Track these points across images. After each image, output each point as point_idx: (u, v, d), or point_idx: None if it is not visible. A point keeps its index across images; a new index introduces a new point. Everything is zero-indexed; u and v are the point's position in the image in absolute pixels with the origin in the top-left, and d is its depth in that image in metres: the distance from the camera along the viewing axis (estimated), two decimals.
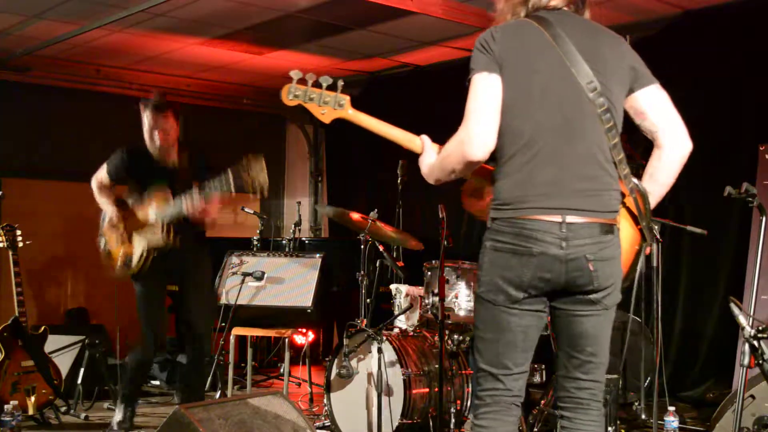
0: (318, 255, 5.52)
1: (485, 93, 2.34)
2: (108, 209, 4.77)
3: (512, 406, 2.42)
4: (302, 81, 2.53)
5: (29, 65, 7.57)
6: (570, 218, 2.31)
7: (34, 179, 7.79)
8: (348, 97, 2.60)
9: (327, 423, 4.79)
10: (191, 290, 4.81)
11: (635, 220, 2.52)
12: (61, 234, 7.85)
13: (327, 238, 9.26)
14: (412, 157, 2.71)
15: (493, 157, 2.40)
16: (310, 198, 9.67)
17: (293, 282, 5.43)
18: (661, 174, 2.50)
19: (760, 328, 3.22)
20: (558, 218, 2.30)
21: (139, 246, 4.65)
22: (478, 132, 2.31)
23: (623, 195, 2.46)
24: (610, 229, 2.37)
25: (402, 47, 7.25)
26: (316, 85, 2.56)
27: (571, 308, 2.41)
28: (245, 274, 5.40)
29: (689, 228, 4.78)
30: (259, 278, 5.39)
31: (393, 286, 4.92)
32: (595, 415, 2.48)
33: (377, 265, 5.34)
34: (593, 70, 2.37)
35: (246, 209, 6.92)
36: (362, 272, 5.12)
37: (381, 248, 5.06)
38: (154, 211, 4.61)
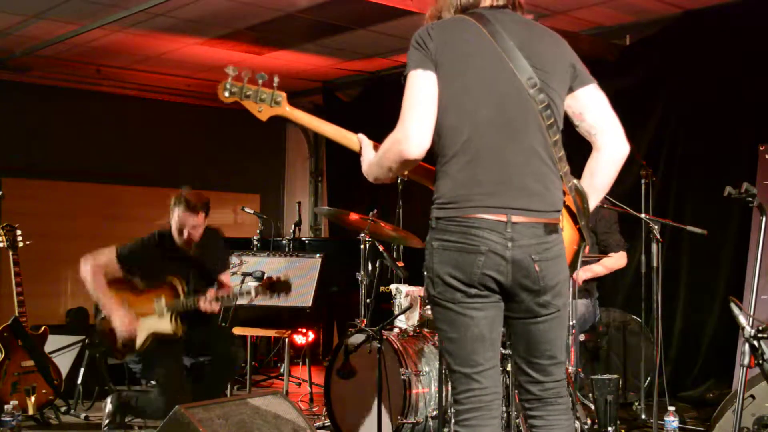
0: (318, 255, 5.53)
1: (420, 91, 2.29)
2: (109, 311, 4.46)
3: (492, 404, 2.37)
4: (238, 78, 2.45)
5: (29, 65, 7.58)
6: (515, 218, 2.27)
7: (34, 179, 7.79)
8: (284, 94, 2.53)
9: (327, 423, 4.79)
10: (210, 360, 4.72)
11: (574, 219, 2.49)
12: (61, 234, 7.85)
13: (327, 238, 9.26)
14: None
15: (434, 157, 2.37)
16: (310, 198, 9.67)
17: (293, 282, 5.43)
18: (599, 176, 2.43)
19: (760, 328, 3.21)
20: (503, 218, 2.27)
21: (144, 330, 4.50)
22: (414, 131, 2.27)
23: (564, 193, 2.42)
24: (554, 228, 2.34)
25: (402, 47, 7.24)
26: (252, 81, 2.48)
27: (525, 316, 2.38)
28: (245, 274, 5.39)
29: (689, 228, 4.78)
30: (259, 278, 5.38)
31: (393, 286, 4.92)
32: (564, 409, 2.45)
33: (377, 265, 5.33)
34: (533, 67, 2.32)
35: (246, 209, 6.92)
36: (362, 272, 5.12)
37: (381, 248, 5.06)
38: (161, 304, 4.49)
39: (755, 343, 3.21)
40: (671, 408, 4.16)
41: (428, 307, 4.53)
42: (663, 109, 6.17)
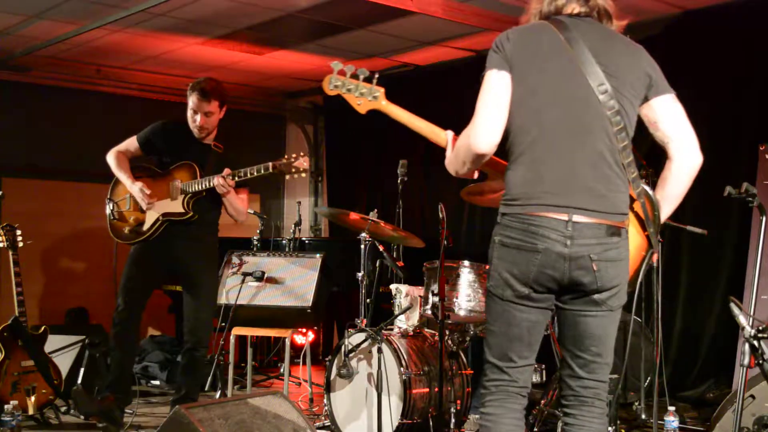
0: (318, 255, 5.52)
1: (493, 90, 2.40)
2: (129, 185, 4.75)
3: (518, 396, 2.49)
4: (342, 72, 2.67)
5: (29, 65, 7.58)
6: (576, 217, 2.35)
7: (34, 179, 7.79)
8: (382, 89, 2.73)
9: (327, 423, 4.79)
10: (196, 299, 4.74)
11: (642, 225, 2.55)
12: (61, 234, 7.86)
13: (327, 238, 9.26)
14: (412, 157, 2.76)
15: (506, 154, 2.47)
16: (310, 198, 9.67)
17: (293, 282, 5.43)
18: (671, 185, 2.53)
19: (760, 328, 3.21)
20: (565, 216, 2.34)
21: (153, 213, 4.71)
22: (484, 127, 2.37)
23: (632, 199, 2.48)
24: (617, 231, 2.40)
25: (402, 47, 7.25)
26: (354, 76, 2.70)
27: (577, 308, 2.45)
28: (245, 274, 5.40)
29: (689, 228, 4.77)
30: (259, 278, 5.39)
31: (393, 286, 4.92)
32: (599, 413, 2.51)
33: (377, 265, 5.33)
34: (606, 73, 2.40)
35: None
36: (362, 272, 5.12)
37: (381, 248, 5.06)
38: (178, 183, 4.69)
39: (755, 343, 3.21)
40: (671, 408, 4.16)
41: (427, 307, 4.54)
42: None
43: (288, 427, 3.59)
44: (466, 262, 4.53)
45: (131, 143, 4.90)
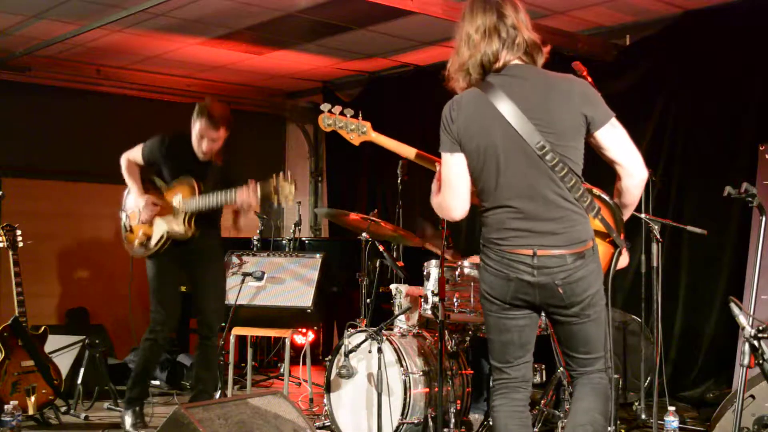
0: (318, 255, 5.52)
1: (453, 171, 2.79)
2: (137, 196, 4.77)
3: (518, 389, 2.87)
4: (331, 112, 3.08)
5: (29, 65, 7.57)
6: (540, 252, 2.70)
7: (34, 179, 7.79)
8: (368, 123, 3.16)
9: (327, 423, 4.79)
10: (205, 290, 4.82)
11: (603, 235, 2.92)
12: (61, 234, 7.85)
13: (327, 238, 9.26)
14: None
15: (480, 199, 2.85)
16: (310, 198, 9.67)
17: (293, 282, 5.43)
18: (625, 196, 2.85)
19: (760, 328, 3.21)
20: (530, 252, 2.71)
21: (159, 230, 4.71)
22: (455, 204, 2.82)
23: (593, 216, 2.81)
24: (580, 255, 2.72)
25: (402, 47, 7.25)
26: (342, 113, 3.10)
27: (559, 317, 2.81)
28: (245, 274, 5.40)
29: (689, 228, 4.78)
30: (259, 278, 5.39)
31: (393, 286, 4.92)
32: (594, 386, 2.85)
33: (377, 265, 5.33)
34: (541, 131, 2.66)
35: None
36: (362, 272, 5.11)
37: (381, 248, 5.06)
38: (179, 199, 4.67)
39: (755, 343, 3.20)
40: (671, 408, 4.16)
41: (427, 308, 4.54)
42: (663, 109, 6.17)
43: (288, 427, 3.59)
44: (467, 262, 4.53)
45: (137, 152, 4.87)
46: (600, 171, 2.90)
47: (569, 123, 2.70)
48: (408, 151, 3.16)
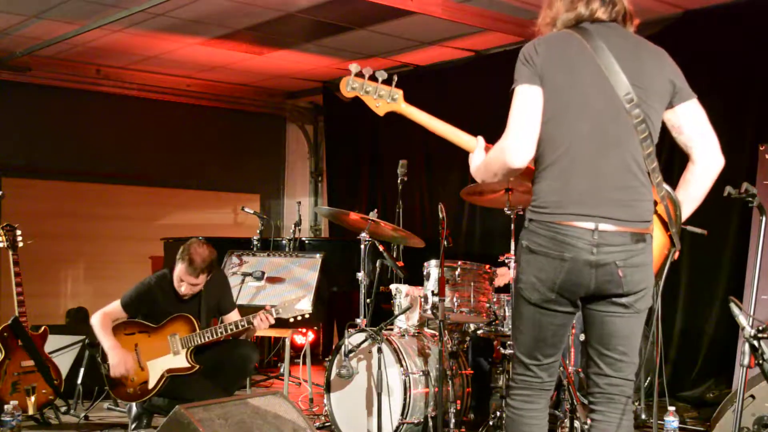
0: (318, 255, 5.52)
1: (526, 105, 2.44)
2: (107, 344, 4.58)
3: (542, 392, 2.59)
4: (360, 74, 2.66)
5: (29, 65, 7.58)
6: (603, 226, 2.41)
7: (34, 179, 7.80)
8: (401, 91, 2.69)
9: (327, 423, 4.79)
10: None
11: (665, 226, 2.62)
12: (61, 234, 7.85)
13: (327, 238, 9.26)
14: (412, 157, 2.75)
15: (535, 161, 2.53)
16: (310, 198, 9.67)
17: (293, 282, 5.43)
18: (693, 187, 2.60)
19: (760, 328, 3.21)
20: (591, 225, 2.41)
21: (156, 371, 4.57)
22: (519, 143, 2.42)
23: (655, 203, 2.54)
24: (641, 237, 2.46)
25: (402, 47, 7.25)
26: (372, 78, 2.67)
27: (604, 309, 2.52)
28: (245, 274, 5.40)
29: (689, 228, 4.76)
30: (259, 278, 5.39)
31: (393, 286, 4.92)
32: (626, 410, 2.60)
33: (377, 265, 5.33)
34: (631, 82, 2.45)
35: (246, 209, 6.92)
36: (362, 272, 5.11)
37: (381, 248, 5.05)
38: (176, 340, 4.58)
39: (755, 343, 3.21)
40: (671, 408, 4.16)
41: (427, 308, 4.54)
42: None
43: (288, 427, 3.59)
44: (468, 262, 4.53)
45: (116, 307, 4.70)
46: None
47: (658, 85, 2.52)
48: (441, 127, 2.68)
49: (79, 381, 5.38)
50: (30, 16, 6.34)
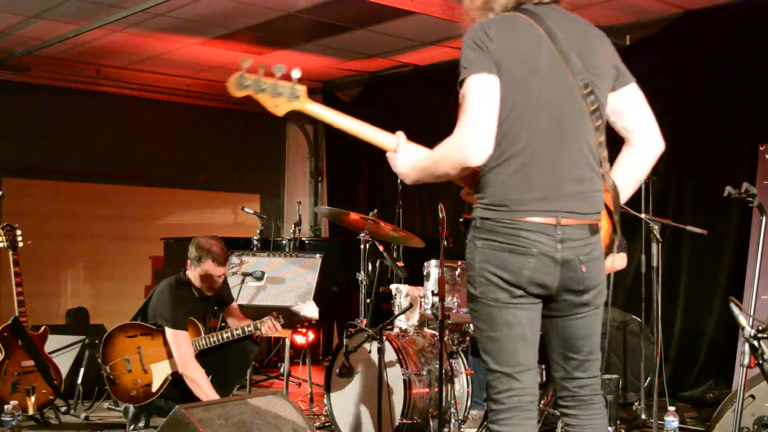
0: (318, 255, 5.52)
1: (484, 96, 2.24)
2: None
3: (531, 405, 2.35)
4: (252, 70, 2.31)
5: (29, 65, 7.58)
6: (564, 220, 2.28)
7: (34, 179, 7.80)
8: (304, 88, 2.40)
9: (327, 423, 4.79)
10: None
11: (609, 214, 2.49)
12: (61, 234, 7.85)
13: (327, 238, 9.26)
14: None
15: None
16: (310, 198, 9.67)
17: (293, 282, 5.43)
18: (634, 172, 2.48)
19: (760, 328, 3.21)
20: (553, 221, 2.27)
21: (160, 374, 4.57)
22: (478, 138, 2.22)
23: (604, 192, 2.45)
24: (596, 229, 2.37)
25: (402, 47, 7.25)
26: (269, 74, 2.34)
27: (565, 313, 2.39)
28: (245, 274, 5.40)
29: (689, 228, 4.77)
30: (259, 278, 5.39)
31: (393, 286, 4.92)
32: (598, 408, 2.48)
33: (377, 265, 5.33)
34: (585, 68, 2.32)
35: (246, 209, 6.92)
36: (362, 272, 5.11)
37: (381, 248, 5.06)
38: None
39: (755, 343, 3.21)
40: (671, 408, 4.16)
41: (427, 308, 4.54)
42: (663, 109, 6.16)
43: (288, 427, 3.59)
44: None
45: (182, 336, 4.56)
46: None
47: (605, 68, 2.39)
48: (351, 125, 2.45)
49: (79, 381, 5.38)
50: (30, 16, 6.34)
